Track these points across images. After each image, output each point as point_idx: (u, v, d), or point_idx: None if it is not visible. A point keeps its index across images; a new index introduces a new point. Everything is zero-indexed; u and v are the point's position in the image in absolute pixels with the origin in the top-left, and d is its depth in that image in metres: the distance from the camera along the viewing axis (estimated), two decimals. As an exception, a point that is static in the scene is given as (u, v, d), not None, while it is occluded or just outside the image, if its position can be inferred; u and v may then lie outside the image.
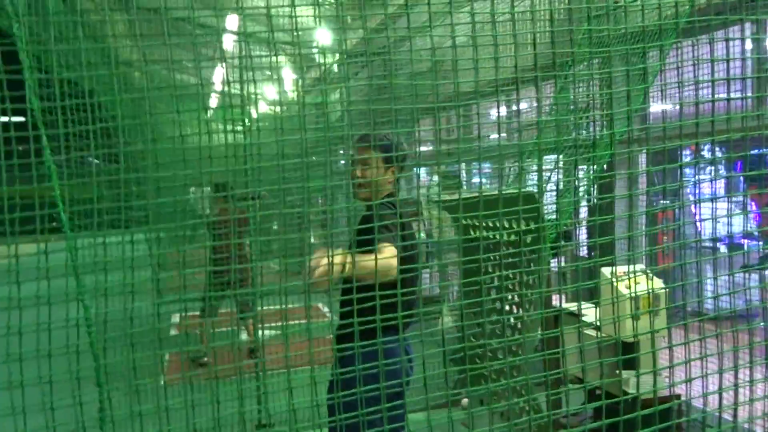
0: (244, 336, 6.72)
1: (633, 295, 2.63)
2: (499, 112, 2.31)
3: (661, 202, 4.61)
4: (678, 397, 3.58)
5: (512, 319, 3.34)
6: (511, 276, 2.81)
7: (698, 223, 2.83)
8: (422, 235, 6.81)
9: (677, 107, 2.44)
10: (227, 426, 3.43)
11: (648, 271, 3.27)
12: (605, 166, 3.00)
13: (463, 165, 5.48)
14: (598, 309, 2.73)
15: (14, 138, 2.44)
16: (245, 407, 2.77)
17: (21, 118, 2.75)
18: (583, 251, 5.00)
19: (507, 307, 3.43)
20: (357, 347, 2.20)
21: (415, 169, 4.43)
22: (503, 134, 4.20)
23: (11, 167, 2.45)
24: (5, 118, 2.51)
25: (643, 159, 4.46)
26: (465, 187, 5.75)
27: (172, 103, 2.57)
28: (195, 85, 2.76)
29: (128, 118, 4.43)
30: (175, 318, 7.51)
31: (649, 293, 2.88)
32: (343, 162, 6.81)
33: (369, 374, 2.22)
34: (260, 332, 2.89)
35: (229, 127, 3.50)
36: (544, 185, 3.11)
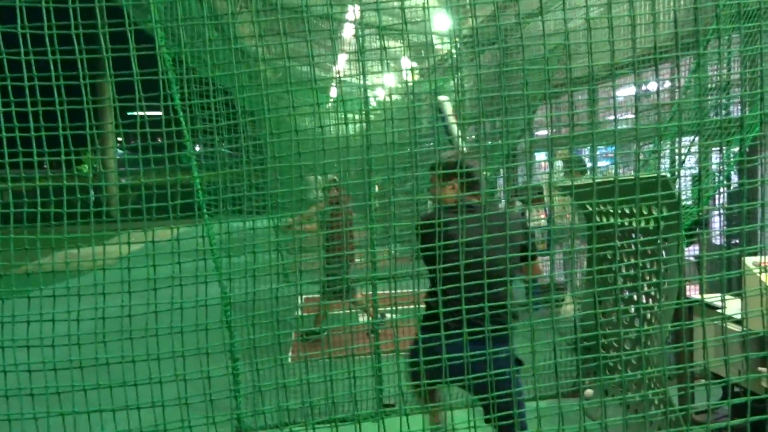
0: (362, 318, 6.90)
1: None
2: (636, 93, 2.21)
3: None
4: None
5: (643, 310, 3.20)
6: (642, 265, 2.69)
7: None
8: (543, 221, 6.66)
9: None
10: (342, 404, 3.57)
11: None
12: (748, 149, 2.80)
13: (587, 150, 5.30)
14: (740, 301, 2.57)
15: (164, 132, 2.64)
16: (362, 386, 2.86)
17: (159, 113, 2.98)
18: (720, 240, 4.68)
19: (636, 298, 3.29)
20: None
21: (539, 154, 4.38)
22: (631, 116, 4.02)
23: (154, 159, 2.66)
24: (148, 113, 2.72)
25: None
26: (589, 173, 5.54)
27: (300, 96, 2.68)
28: (324, 78, 2.86)
29: (258, 112, 4.66)
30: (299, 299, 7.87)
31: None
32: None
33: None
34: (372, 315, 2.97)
35: (348, 117, 3.60)
36: (679, 170, 2.94)
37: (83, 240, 2.66)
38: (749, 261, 3.02)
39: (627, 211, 3.19)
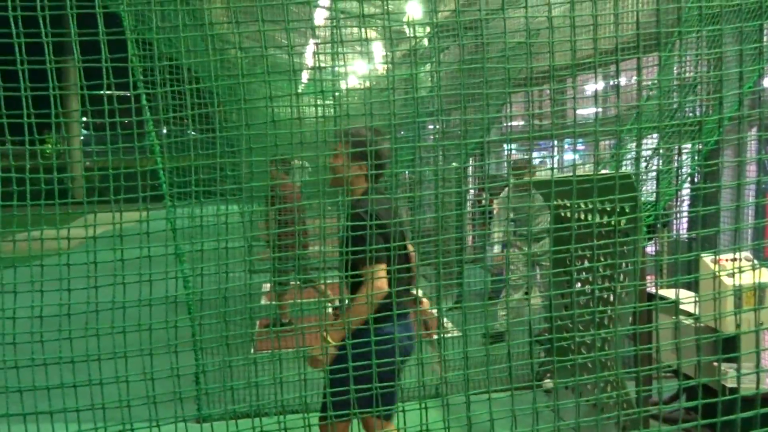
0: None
1: (737, 286, 2.46)
2: (597, 91, 2.20)
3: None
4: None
5: (601, 312, 3.21)
6: (603, 265, 2.70)
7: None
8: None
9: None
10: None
11: (755, 261, 3.05)
12: (710, 151, 2.80)
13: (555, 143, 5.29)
14: (697, 299, 2.59)
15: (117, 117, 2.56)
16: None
17: (126, 93, 2.89)
18: (683, 239, 4.73)
19: (598, 297, 3.31)
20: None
21: (505, 146, 4.38)
22: (599, 110, 4.01)
23: (117, 141, 2.58)
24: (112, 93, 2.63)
25: (754, 144, 4.11)
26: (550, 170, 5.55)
27: (268, 84, 2.60)
28: (287, 68, 2.80)
29: (226, 97, 4.56)
30: (265, 287, 7.77)
31: (755, 286, 2.69)
32: (431, 137, 6.74)
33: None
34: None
35: (319, 103, 3.53)
36: (643, 169, 2.94)
37: (47, 223, 2.55)
38: (707, 260, 3.05)
39: (592, 208, 3.19)
